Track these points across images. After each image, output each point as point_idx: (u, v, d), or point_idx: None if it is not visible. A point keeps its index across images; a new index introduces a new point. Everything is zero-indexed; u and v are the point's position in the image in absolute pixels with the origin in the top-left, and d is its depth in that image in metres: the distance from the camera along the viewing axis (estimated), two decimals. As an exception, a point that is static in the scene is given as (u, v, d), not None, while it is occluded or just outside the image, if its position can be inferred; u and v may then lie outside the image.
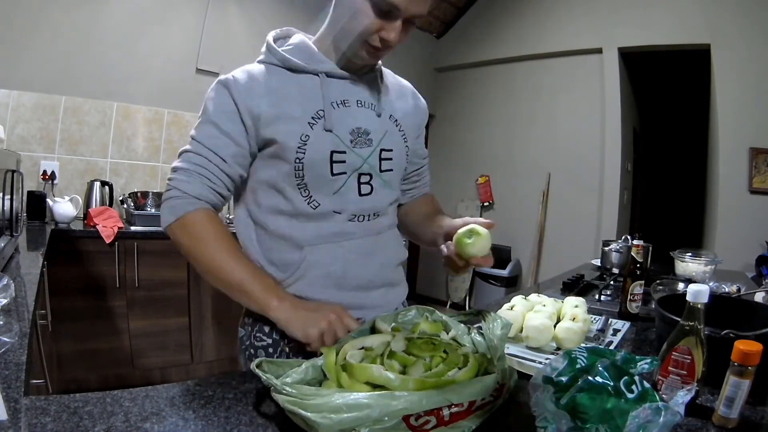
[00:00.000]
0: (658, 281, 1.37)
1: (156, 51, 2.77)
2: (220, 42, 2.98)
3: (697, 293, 0.63)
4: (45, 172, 2.41)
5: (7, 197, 1.39)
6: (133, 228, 2.30)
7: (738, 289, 1.35)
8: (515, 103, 4.01)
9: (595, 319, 1.09)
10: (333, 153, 0.79)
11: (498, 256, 3.90)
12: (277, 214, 0.82)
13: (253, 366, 0.58)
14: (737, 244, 2.71)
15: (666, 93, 4.72)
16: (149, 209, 2.53)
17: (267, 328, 0.86)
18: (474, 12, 4.25)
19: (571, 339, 0.88)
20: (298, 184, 0.80)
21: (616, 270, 1.70)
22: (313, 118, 0.79)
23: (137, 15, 2.67)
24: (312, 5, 3.20)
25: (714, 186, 3.07)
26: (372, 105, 0.86)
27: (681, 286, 1.34)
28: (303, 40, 0.85)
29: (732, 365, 0.59)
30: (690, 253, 1.63)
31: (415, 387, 0.54)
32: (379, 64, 0.91)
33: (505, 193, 4.06)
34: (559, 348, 0.89)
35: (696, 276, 1.56)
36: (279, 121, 0.78)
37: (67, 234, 2.13)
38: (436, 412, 0.52)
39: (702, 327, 0.63)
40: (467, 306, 4.08)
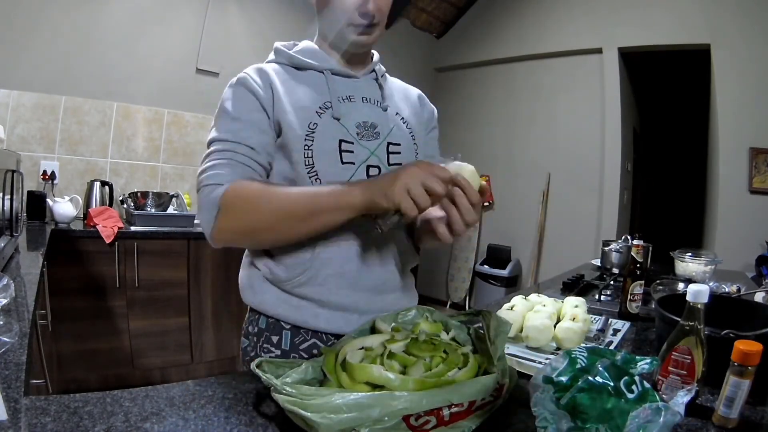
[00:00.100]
0: (658, 281, 1.37)
1: (156, 51, 2.77)
2: (220, 42, 2.99)
3: (697, 293, 0.63)
4: (45, 172, 2.41)
5: (7, 197, 1.39)
6: (133, 228, 2.30)
7: (738, 289, 1.35)
8: (515, 103, 4.01)
9: (595, 319, 1.09)
10: (341, 142, 0.80)
11: (498, 256, 3.91)
12: None
13: (253, 366, 0.58)
14: (737, 244, 2.71)
15: (666, 93, 4.72)
16: (149, 209, 2.53)
17: (275, 338, 0.83)
18: (474, 12, 4.25)
19: (571, 339, 0.88)
20: (308, 173, 0.78)
21: (616, 270, 1.70)
22: (321, 108, 0.80)
23: (137, 15, 2.67)
24: (312, 5, 3.18)
25: (714, 186, 3.07)
26: (377, 101, 0.87)
27: (681, 286, 1.34)
28: (309, 43, 0.89)
29: (732, 365, 0.59)
30: (690, 253, 1.63)
31: (415, 387, 0.54)
32: (381, 67, 0.92)
33: (505, 193, 4.06)
34: (559, 348, 0.89)
35: (696, 276, 1.56)
36: (289, 108, 0.79)
37: (67, 234, 2.13)
38: (436, 412, 0.52)
39: (702, 327, 0.63)
40: (467, 306, 4.08)
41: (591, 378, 0.50)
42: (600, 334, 1.00)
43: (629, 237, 1.68)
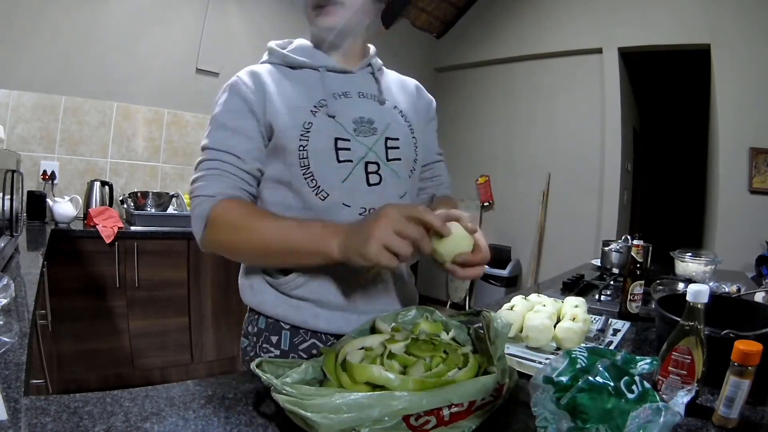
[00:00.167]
0: (658, 281, 1.37)
1: (156, 51, 2.77)
2: (220, 42, 2.99)
3: (697, 293, 0.63)
4: (45, 172, 2.41)
5: (7, 197, 1.39)
6: (133, 228, 2.30)
7: (738, 289, 1.35)
8: (515, 103, 4.01)
9: (595, 319, 1.09)
10: (337, 140, 0.79)
11: (498, 256, 3.91)
12: (285, 210, 0.80)
13: (253, 366, 0.58)
14: (737, 244, 2.71)
15: (666, 93, 4.72)
16: (149, 209, 2.53)
17: (275, 338, 0.83)
18: (474, 12, 4.25)
19: (571, 339, 0.87)
20: (304, 173, 0.78)
21: (616, 270, 1.70)
22: (315, 106, 0.80)
23: (137, 15, 2.67)
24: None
25: (714, 186, 3.07)
26: (373, 96, 0.86)
27: (681, 286, 1.34)
28: (303, 41, 0.88)
29: (732, 365, 0.59)
30: (690, 253, 1.63)
31: (415, 387, 0.54)
32: (378, 61, 0.92)
33: (505, 193, 4.06)
34: (559, 348, 0.89)
35: (696, 276, 1.56)
36: (283, 109, 0.78)
37: (67, 234, 2.13)
38: (436, 412, 0.52)
39: (702, 327, 0.63)
40: (467, 306, 4.08)
41: (591, 378, 0.50)
42: (600, 334, 1.00)
43: (629, 237, 1.68)
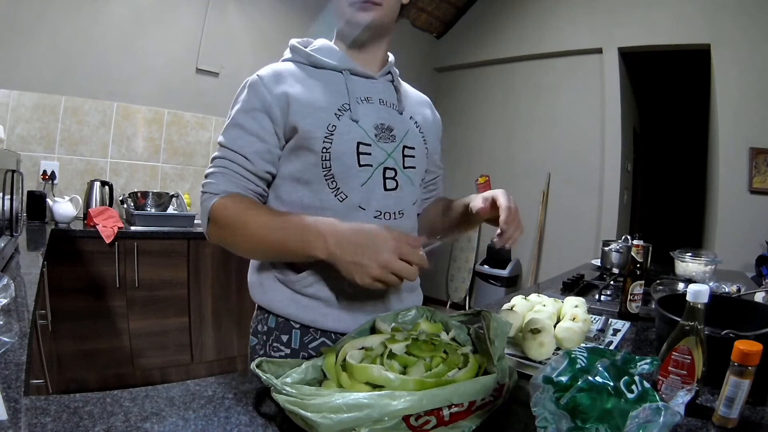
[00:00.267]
0: (658, 281, 1.37)
1: (156, 51, 2.77)
2: (220, 42, 2.98)
3: (697, 293, 0.63)
4: (45, 172, 2.41)
5: (7, 197, 1.39)
6: (133, 228, 2.30)
7: (738, 289, 1.35)
8: (515, 103, 4.01)
9: (595, 319, 1.09)
10: (359, 144, 0.80)
11: (498, 256, 3.91)
12: (301, 210, 0.80)
13: (253, 366, 0.58)
14: (737, 244, 2.71)
15: (666, 93, 4.72)
16: (149, 209, 2.53)
17: (285, 337, 0.84)
18: (474, 12, 4.25)
19: (571, 339, 0.87)
20: (325, 175, 0.79)
21: (616, 270, 1.70)
22: (339, 109, 0.80)
23: (137, 15, 2.67)
24: (311, 5, 3.20)
25: (714, 186, 3.07)
26: (393, 104, 0.88)
27: (681, 286, 1.34)
28: (326, 42, 0.88)
29: (732, 365, 0.59)
30: (690, 253, 1.63)
31: (415, 387, 0.54)
32: (396, 70, 0.93)
33: (505, 193, 4.06)
34: (559, 348, 0.89)
35: (696, 276, 1.56)
36: (306, 110, 0.78)
37: (67, 234, 2.13)
38: (436, 412, 0.52)
39: (702, 327, 0.63)
40: (467, 306, 4.08)
41: (591, 378, 0.50)
42: (600, 334, 1.00)
43: (629, 237, 1.68)
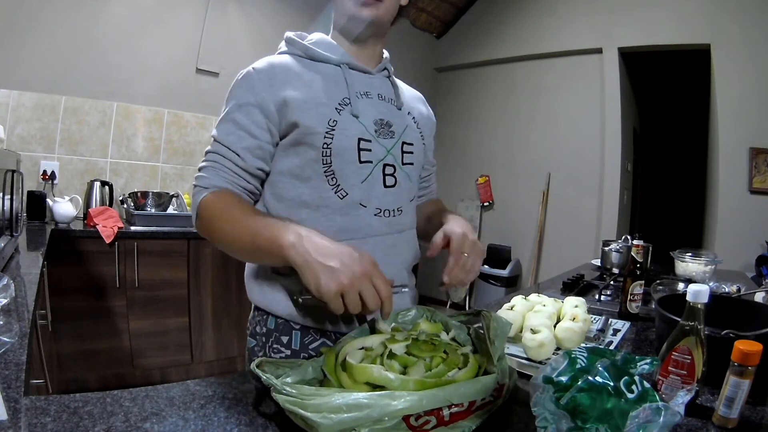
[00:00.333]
0: (658, 281, 1.37)
1: (156, 51, 2.77)
2: (220, 42, 2.99)
3: (697, 293, 0.63)
4: (45, 172, 2.41)
5: (7, 197, 1.39)
6: (133, 228, 2.30)
7: (738, 289, 1.35)
8: (515, 103, 4.01)
9: (595, 319, 1.09)
10: (360, 140, 0.79)
11: (498, 256, 3.91)
12: (300, 207, 0.79)
13: (253, 366, 0.58)
14: (737, 244, 2.71)
15: (666, 93, 4.72)
16: (149, 209, 2.53)
17: (285, 338, 0.82)
18: (474, 12, 4.25)
19: (571, 339, 0.87)
20: (325, 171, 0.78)
21: (616, 270, 1.70)
22: (340, 104, 0.79)
23: (137, 15, 2.67)
24: (311, 5, 3.20)
25: (714, 186, 3.07)
26: (391, 100, 0.87)
27: (681, 286, 1.34)
28: (322, 35, 0.87)
29: (732, 365, 0.59)
30: (690, 253, 1.63)
31: (415, 387, 0.54)
32: (390, 66, 0.92)
33: (505, 193, 4.06)
34: (559, 348, 0.89)
35: (696, 276, 1.56)
36: (305, 106, 0.77)
37: (67, 234, 2.13)
38: (436, 412, 0.52)
39: (702, 327, 0.63)
40: (467, 306, 4.08)
41: (591, 378, 0.50)
42: (600, 334, 1.00)
43: (629, 237, 1.68)
